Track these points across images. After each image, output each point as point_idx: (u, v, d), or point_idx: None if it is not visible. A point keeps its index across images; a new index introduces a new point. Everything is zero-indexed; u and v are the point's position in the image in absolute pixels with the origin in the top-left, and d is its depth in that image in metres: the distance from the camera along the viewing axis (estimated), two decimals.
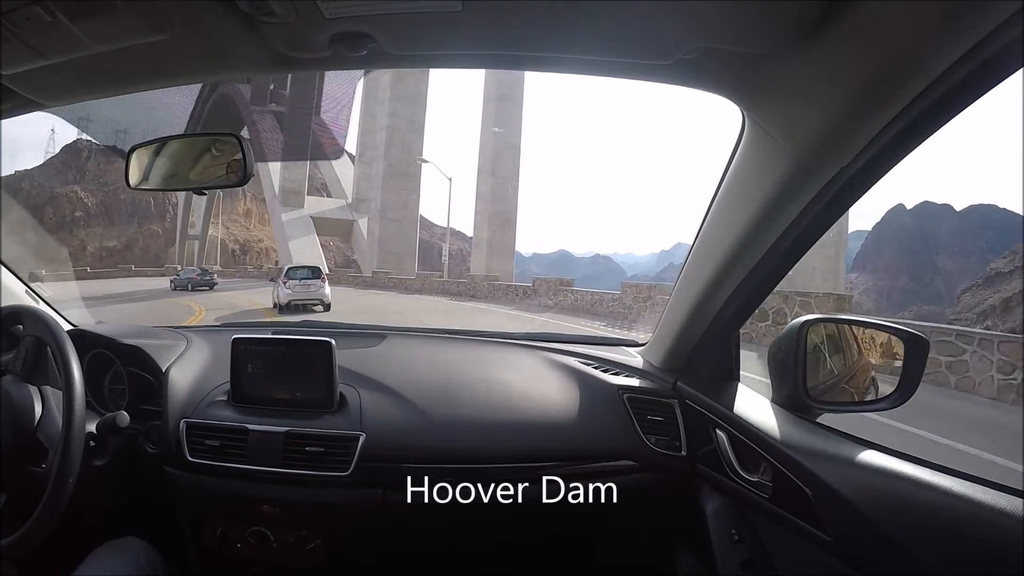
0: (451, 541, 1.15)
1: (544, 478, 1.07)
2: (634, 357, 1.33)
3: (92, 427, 1.01)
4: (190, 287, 20.49)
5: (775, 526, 0.87)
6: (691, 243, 1.03)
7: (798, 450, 0.83)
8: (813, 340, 0.97)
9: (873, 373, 1.04)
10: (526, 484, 1.07)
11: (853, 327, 1.09)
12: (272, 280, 14.43)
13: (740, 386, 1.11)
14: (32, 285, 1.31)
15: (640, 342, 1.38)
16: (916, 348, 0.88)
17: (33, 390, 0.94)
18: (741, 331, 1.11)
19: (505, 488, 1.07)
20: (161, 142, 0.92)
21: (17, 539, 0.83)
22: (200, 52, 0.69)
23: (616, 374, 1.24)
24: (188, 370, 1.20)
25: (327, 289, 12.47)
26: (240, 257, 35.60)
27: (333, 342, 1.09)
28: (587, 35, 0.64)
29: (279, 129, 26.71)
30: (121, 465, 1.11)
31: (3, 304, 1.03)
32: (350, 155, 31.01)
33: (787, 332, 0.95)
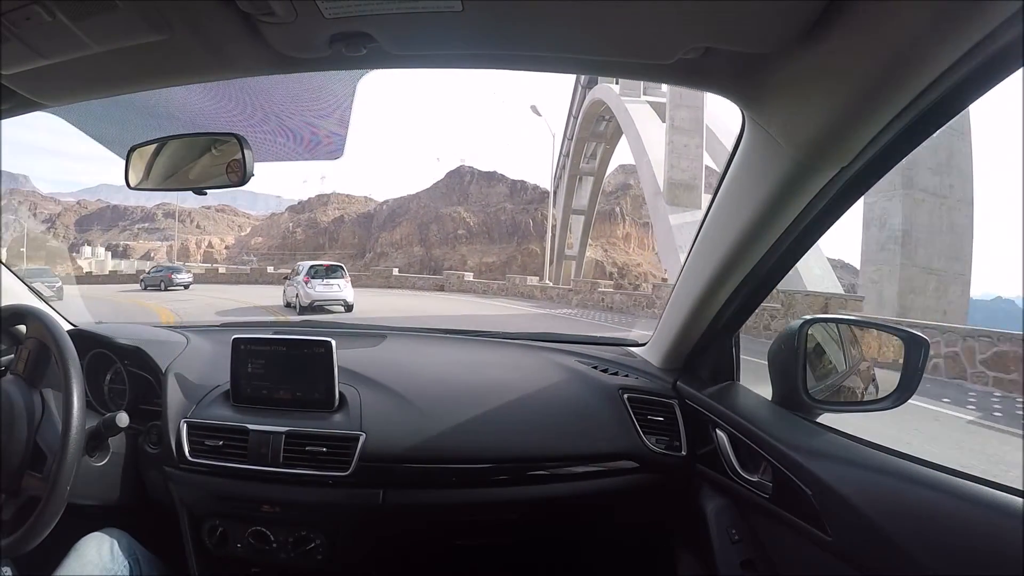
0: (451, 541, 1.15)
1: (544, 478, 1.07)
2: (634, 357, 1.33)
3: (92, 427, 1.01)
4: (163, 286, 19.11)
5: (775, 526, 0.87)
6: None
7: (798, 450, 0.83)
8: (813, 340, 0.97)
9: (873, 373, 1.04)
10: (526, 484, 1.07)
11: (853, 327, 1.09)
12: (287, 279, 12.91)
13: (740, 386, 1.11)
14: (33, 285, 1.31)
15: (640, 342, 1.38)
16: (916, 348, 0.88)
17: (34, 391, 0.94)
18: None
19: (505, 488, 1.07)
20: (161, 142, 0.92)
21: (17, 539, 0.83)
22: (200, 52, 0.69)
23: (616, 374, 1.24)
24: (188, 370, 1.20)
25: (350, 289, 11.46)
26: (618, 279, 34.69)
27: (333, 342, 1.09)
28: (587, 35, 0.64)
29: (657, 118, 20.74)
30: (121, 465, 1.11)
31: (4, 304, 1.03)
32: None
33: (787, 332, 0.95)
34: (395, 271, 22.73)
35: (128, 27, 0.63)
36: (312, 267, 11.59)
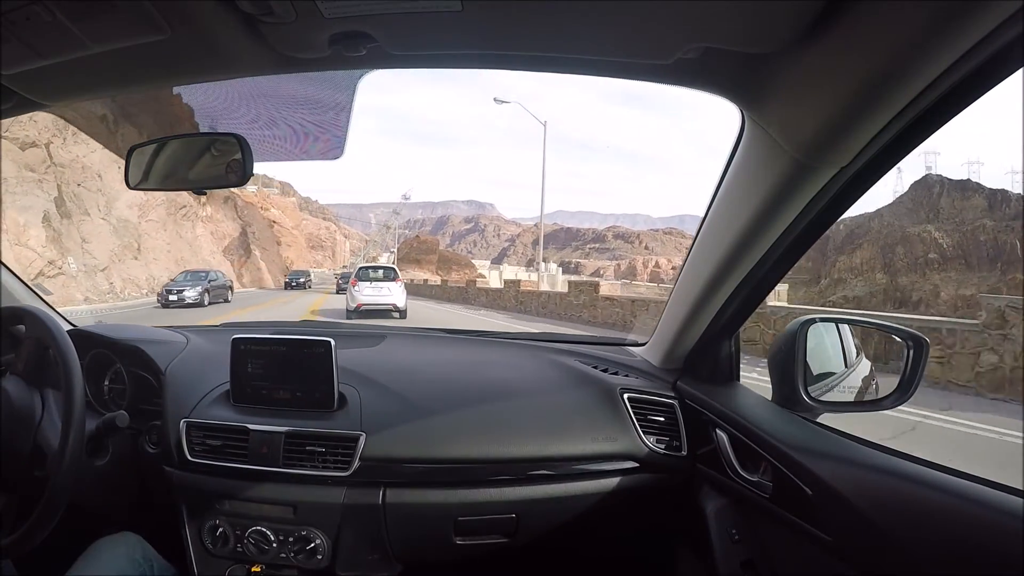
0: (451, 540, 1.15)
1: (544, 477, 1.07)
2: (634, 357, 1.33)
3: (92, 427, 1.01)
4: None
5: (775, 526, 0.87)
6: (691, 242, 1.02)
7: (798, 450, 0.83)
8: (813, 340, 0.97)
9: (873, 373, 1.04)
10: (526, 484, 1.07)
11: (853, 327, 1.09)
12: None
13: (740, 386, 1.11)
14: (32, 286, 1.31)
15: (640, 342, 1.38)
16: (916, 348, 0.88)
17: (34, 391, 0.94)
18: None
19: (505, 488, 1.07)
20: (160, 142, 0.92)
21: (17, 539, 0.83)
22: (200, 52, 0.69)
23: (616, 374, 1.24)
24: (188, 370, 1.20)
25: (401, 294, 10.60)
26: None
27: (333, 342, 1.09)
28: (587, 35, 0.64)
29: None
30: (121, 465, 1.11)
31: (4, 304, 1.03)
32: None
33: (787, 332, 0.95)
34: None
35: (127, 27, 0.63)
36: (361, 268, 11.27)
